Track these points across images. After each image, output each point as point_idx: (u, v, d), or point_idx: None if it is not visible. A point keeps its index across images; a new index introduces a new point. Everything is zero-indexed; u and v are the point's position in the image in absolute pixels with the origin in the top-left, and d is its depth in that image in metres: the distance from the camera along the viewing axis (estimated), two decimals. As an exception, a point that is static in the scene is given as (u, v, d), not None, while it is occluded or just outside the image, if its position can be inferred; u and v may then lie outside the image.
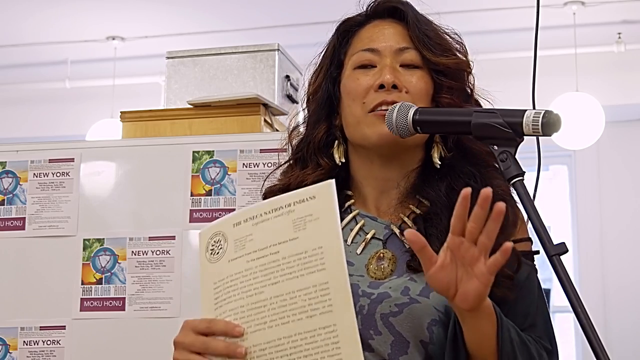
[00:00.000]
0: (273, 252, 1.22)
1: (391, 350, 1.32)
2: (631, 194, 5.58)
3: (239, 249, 1.24)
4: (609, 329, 5.24)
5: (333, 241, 1.19)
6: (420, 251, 1.18)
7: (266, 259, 1.22)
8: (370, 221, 1.44)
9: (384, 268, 1.39)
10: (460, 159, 1.44)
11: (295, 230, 1.21)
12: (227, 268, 1.25)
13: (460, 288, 1.18)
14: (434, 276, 1.18)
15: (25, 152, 2.36)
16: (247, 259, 1.24)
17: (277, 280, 1.21)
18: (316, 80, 1.52)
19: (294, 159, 1.52)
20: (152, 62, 5.12)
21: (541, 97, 1.69)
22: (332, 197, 1.21)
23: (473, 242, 1.16)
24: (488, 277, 1.17)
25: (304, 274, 1.20)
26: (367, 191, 1.47)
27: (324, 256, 1.19)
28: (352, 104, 1.44)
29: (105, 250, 2.26)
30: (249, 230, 1.25)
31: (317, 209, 1.21)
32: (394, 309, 1.32)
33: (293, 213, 1.22)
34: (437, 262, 1.18)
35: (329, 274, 1.18)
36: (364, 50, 1.46)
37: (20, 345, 2.25)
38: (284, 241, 1.22)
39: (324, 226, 1.20)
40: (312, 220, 1.21)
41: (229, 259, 1.25)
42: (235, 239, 1.25)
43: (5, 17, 4.98)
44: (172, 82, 2.61)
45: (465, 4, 4.65)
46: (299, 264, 1.20)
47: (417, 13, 1.48)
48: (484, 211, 1.14)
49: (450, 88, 1.45)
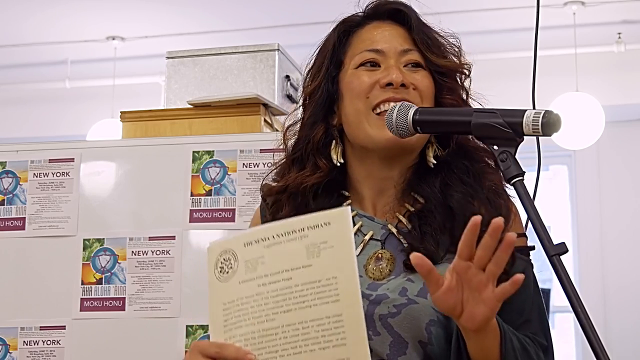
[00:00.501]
0: (285, 277, 1.20)
1: (390, 350, 1.32)
2: (631, 194, 5.58)
3: (250, 271, 1.22)
4: (609, 329, 5.24)
5: (348, 272, 1.17)
6: (426, 275, 1.17)
7: (278, 284, 1.20)
8: (367, 221, 1.44)
9: (383, 268, 1.39)
10: (455, 154, 1.45)
11: (309, 257, 1.19)
12: (237, 290, 1.23)
13: (467, 309, 1.18)
14: (440, 298, 1.18)
15: (25, 152, 2.36)
16: (258, 283, 1.21)
17: (290, 308, 1.19)
18: (314, 81, 1.51)
19: (291, 159, 1.51)
20: (152, 62, 5.12)
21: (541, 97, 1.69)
22: (348, 224, 1.19)
23: (481, 268, 1.16)
24: (496, 304, 1.17)
25: (317, 304, 1.17)
26: (365, 191, 1.47)
27: (338, 287, 1.17)
28: (356, 100, 1.44)
29: (105, 250, 2.26)
30: (261, 252, 1.22)
31: (332, 236, 1.19)
32: (392, 310, 1.33)
33: (307, 239, 1.19)
34: (444, 285, 1.17)
35: (343, 306, 1.17)
36: (368, 50, 1.46)
37: (20, 345, 2.25)
38: (297, 267, 1.19)
39: (339, 255, 1.18)
40: (326, 247, 1.18)
41: (240, 280, 1.23)
42: (246, 260, 1.23)
43: (6, 17, 4.98)
44: (172, 82, 2.61)
45: (465, 4, 4.65)
46: (312, 292, 1.18)
47: (418, 16, 1.49)
48: (494, 241, 1.14)
49: (452, 89, 1.46)
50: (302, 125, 1.52)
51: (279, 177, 1.52)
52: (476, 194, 1.39)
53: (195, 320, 2.17)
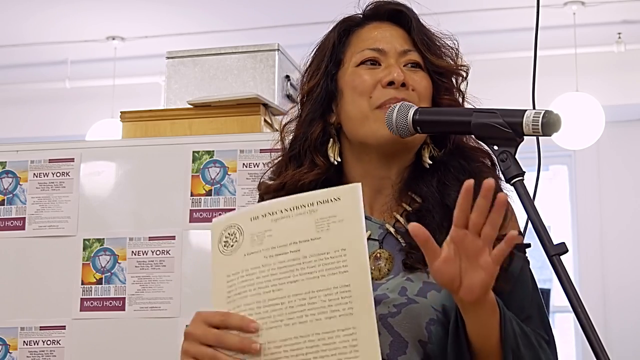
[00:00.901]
0: (293, 250, 1.20)
1: (390, 350, 1.32)
2: (631, 194, 5.58)
3: (256, 244, 1.22)
4: (609, 329, 5.24)
5: (358, 244, 1.18)
6: (424, 244, 1.18)
7: (286, 256, 1.20)
8: (365, 221, 1.44)
9: (381, 268, 1.39)
10: (451, 155, 1.45)
11: (318, 230, 1.20)
12: (242, 262, 1.23)
13: (465, 280, 1.18)
14: (439, 269, 1.18)
15: (25, 152, 2.36)
16: (265, 255, 1.22)
17: (297, 279, 1.19)
18: (312, 79, 1.51)
19: (289, 156, 1.51)
20: (152, 62, 5.12)
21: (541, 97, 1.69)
22: (359, 200, 1.20)
23: (477, 233, 1.16)
24: (494, 268, 1.17)
25: (325, 275, 1.18)
26: (363, 190, 1.47)
27: (347, 258, 1.18)
28: (358, 99, 1.44)
29: (105, 250, 2.26)
30: (268, 226, 1.23)
31: (342, 210, 1.20)
32: (392, 309, 1.33)
33: (316, 213, 1.20)
34: (441, 255, 1.18)
35: (352, 276, 1.17)
36: (369, 49, 1.47)
37: (20, 345, 2.25)
38: (306, 240, 1.20)
39: (348, 229, 1.19)
40: (336, 221, 1.19)
41: (245, 253, 1.23)
42: (252, 233, 1.23)
43: (6, 17, 4.98)
44: (172, 82, 2.61)
45: (465, 4, 4.65)
46: (321, 264, 1.19)
47: (418, 18, 1.50)
48: (487, 202, 1.15)
49: (449, 90, 1.47)
50: (299, 123, 1.52)
51: (275, 175, 1.52)
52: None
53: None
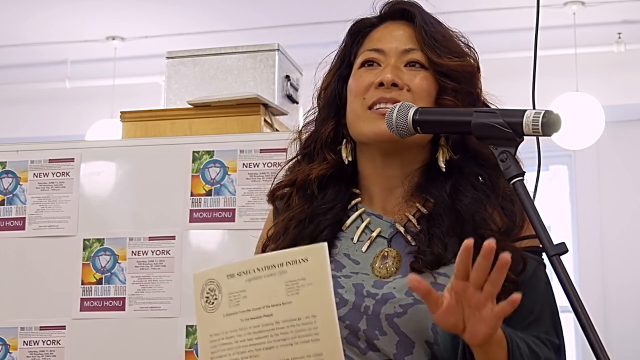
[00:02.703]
0: (267, 314, 1.22)
1: (397, 350, 1.32)
2: (631, 194, 5.58)
3: (233, 305, 1.25)
4: (609, 329, 5.24)
5: (326, 310, 1.19)
6: (425, 297, 1.18)
7: (260, 320, 1.22)
8: (375, 219, 1.45)
9: (389, 267, 1.39)
10: (467, 159, 1.44)
11: (288, 294, 1.21)
12: (222, 323, 1.26)
13: (469, 326, 1.19)
14: (441, 318, 1.19)
15: (25, 152, 2.36)
16: (241, 317, 1.24)
17: (272, 346, 1.21)
18: (327, 79, 1.53)
19: (302, 154, 1.53)
20: (152, 62, 5.12)
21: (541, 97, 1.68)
22: (325, 261, 1.20)
23: (478, 288, 1.16)
24: (496, 322, 1.17)
25: (298, 342, 1.20)
26: (374, 189, 1.48)
27: (317, 326, 1.19)
28: (354, 101, 1.45)
29: (105, 250, 2.26)
30: (243, 286, 1.24)
31: (310, 273, 1.20)
32: (399, 309, 1.33)
33: (286, 275, 1.21)
34: (444, 305, 1.18)
35: (323, 345, 1.19)
36: (370, 50, 1.47)
37: (20, 345, 2.25)
38: (277, 304, 1.21)
39: (316, 293, 1.20)
40: (305, 285, 1.20)
41: (224, 314, 1.25)
42: (229, 293, 1.25)
43: (6, 17, 4.98)
44: (172, 82, 2.61)
45: (465, 4, 4.65)
46: (293, 330, 1.20)
47: (425, 15, 1.49)
48: (487, 262, 1.14)
49: (453, 90, 1.44)
50: (315, 123, 1.54)
51: (288, 172, 1.54)
52: (488, 200, 1.39)
53: (195, 320, 2.17)
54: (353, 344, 1.34)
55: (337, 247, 1.43)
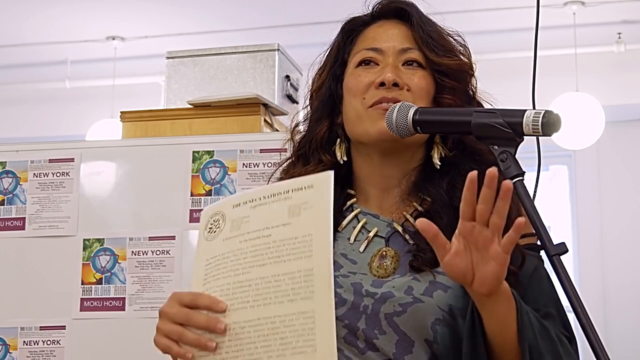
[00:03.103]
0: (265, 234, 1.25)
1: (396, 349, 1.32)
2: (631, 194, 5.58)
3: (234, 229, 1.28)
4: (609, 329, 5.24)
5: (323, 230, 1.22)
6: (433, 239, 1.19)
7: (258, 240, 1.25)
8: (372, 219, 1.44)
9: (387, 266, 1.39)
10: (462, 157, 1.44)
11: (290, 216, 1.24)
12: (220, 246, 1.28)
13: (477, 272, 1.18)
14: (449, 263, 1.19)
15: (25, 152, 2.36)
16: (240, 239, 1.26)
17: (265, 262, 1.23)
18: (320, 79, 1.52)
19: (296, 156, 1.52)
20: (152, 62, 5.12)
21: (541, 97, 1.69)
22: (329, 187, 1.23)
23: (484, 224, 1.17)
24: (504, 257, 1.17)
25: (291, 259, 1.22)
26: (370, 189, 1.47)
27: (312, 244, 1.21)
28: (353, 100, 1.45)
29: (105, 250, 2.26)
30: (247, 212, 1.27)
31: (313, 197, 1.24)
32: (398, 308, 1.33)
33: (290, 200, 1.25)
34: (451, 250, 1.18)
35: (315, 261, 1.21)
36: (367, 49, 1.47)
37: (20, 345, 2.25)
38: (277, 225, 1.24)
39: (316, 215, 1.23)
40: (306, 208, 1.23)
41: (224, 238, 1.28)
42: (233, 219, 1.28)
43: (6, 17, 4.98)
44: (172, 82, 2.61)
45: (465, 4, 4.65)
46: (288, 248, 1.23)
47: (421, 14, 1.49)
48: (492, 191, 1.15)
49: (452, 89, 1.45)
50: (307, 123, 1.53)
51: (285, 174, 1.53)
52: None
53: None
54: (352, 344, 1.33)
55: (334, 247, 1.43)
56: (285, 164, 1.54)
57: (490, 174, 1.14)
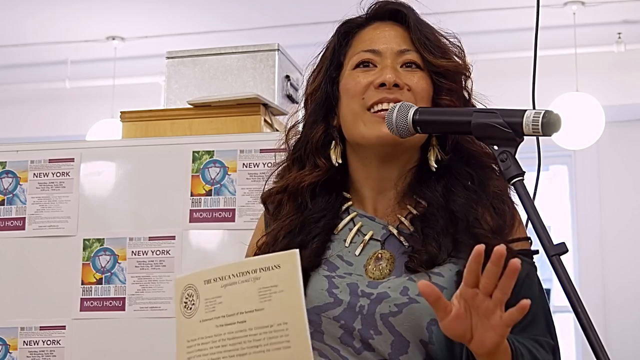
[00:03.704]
0: (240, 320, 1.24)
1: (392, 349, 1.32)
2: (631, 194, 5.58)
3: (209, 311, 1.27)
4: (609, 329, 5.24)
5: (297, 318, 1.21)
6: (434, 303, 1.18)
7: (234, 327, 1.24)
8: (368, 222, 1.45)
9: (382, 268, 1.39)
10: (457, 160, 1.45)
11: (261, 300, 1.23)
12: (199, 328, 1.27)
13: (476, 335, 1.18)
14: (449, 326, 1.19)
15: (25, 152, 2.36)
16: (216, 323, 1.26)
17: (245, 352, 1.23)
18: (315, 81, 1.52)
19: (291, 159, 1.52)
20: (152, 62, 5.12)
21: (541, 97, 1.69)
22: (296, 268, 1.22)
23: (487, 295, 1.16)
24: (505, 330, 1.17)
25: (270, 349, 1.21)
26: (365, 192, 1.47)
27: (289, 333, 1.21)
28: (351, 101, 1.45)
29: (105, 250, 2.26)
30: (218, 292, 1.27)
31: (282, 280, 1.22)
32: (394, 309, 1.33)
33: (259, 281, 1.23)
34: (452, 313, 1.18)
35: (294, 352, 1.20)
36: (364, 51, 1.47)
37: (20, 345, 2.25)
38: (250, 311, 1.23)
39: (288, 300, 1.21)
40: (276, 292, 1.22)
41: (201, 319, 1.27)
42: (206, 298, 1.27)
43: (6, 17, 4.98)
44: (172, 82, 2.61)
45: (465, 4, 4.65)
46: (265, 337, 1.22)
47: (418, 16, 1.49)
48: (497, 268, 1.14)
49: (449, 90, 1.45)
50: (302, 126, 1.53)
51: (279, 178, 1.53)
52: (480, 200, 1.39)
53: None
54: (348, 344, 1.34)
55: (330, 249, 1.43)
56: (280, 168, 1.54)
57: (497, 252, 1.13)
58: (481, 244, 1.16)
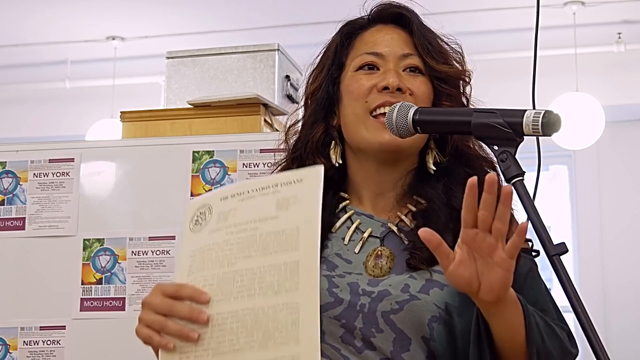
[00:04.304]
0: (252, 227, 1.23)
1: (393, 347, 1.32)
2: (631, 194, 5.58)
3: (221, 221, 1.26)
4: (609, 329, 5.24)
5: (311, 223, 1.20)
6: (436, 249, 1.18)
7: (245, 233, 1.24)
8: (366, 219, 1.45)
9: (382, 265, 1.39)
10: (456, 163, 1.45)
11: (278, 209, 1.22)
12: (206, 238, 1.27)
13: (483, 280, 1.18)
14: (454, 273, 1.18)
15: (25, 152, 2.36)
16: (226, 231, 1.25)
17: (251, 255, 1.22)
18: (315, 81, 1.52)
19: (291, 158, 1.52)
20: (152, 62, 5.12)
21: (541, 97, 1.69)
22: (319, 182, 1.22)
23: (487, 230, 1.16)
24: (510, 262, 1.17)
25: (277, 252, 1.21)
26: (364, 192, 1.48)
27: (299, 237, 1.20)
28: (354, 104, 1.45)
29: (105, 250, 2.26)
30: (234, 205, 1.26)
31: (302, 192, 1.22)
32: (395, 306, 1.33)
33: (278, 193, 1.23)
34: (455, 259, 1.18)
35: (302, 254, 1.20)
36: (368, 53, 1.47)
37: (20, 345, 2.25)
38: (265, 218, 1.23)
39: (304, 209, 1.21)
40: (295, 202, 1.22)
41: (210, 230, 1.27)
42: (220, 212, 1.27)
43: (6, 17, 4.98)
44: (172, 82, 2.61)
45: (465, 4, 4.65)
46: (275, 241, 1.21)
47: (421, 21, 1.50)
48: (492, 196, 1.15)
49: (449, 95, 1.46)
50: (302, 125, 1.53)
51: None
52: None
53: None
54: (349, 343, 1.34)
55: (329, 247, 1.43)
56: (279, 167, 1.54)
57: (489, 179, 1.14)
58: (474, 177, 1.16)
